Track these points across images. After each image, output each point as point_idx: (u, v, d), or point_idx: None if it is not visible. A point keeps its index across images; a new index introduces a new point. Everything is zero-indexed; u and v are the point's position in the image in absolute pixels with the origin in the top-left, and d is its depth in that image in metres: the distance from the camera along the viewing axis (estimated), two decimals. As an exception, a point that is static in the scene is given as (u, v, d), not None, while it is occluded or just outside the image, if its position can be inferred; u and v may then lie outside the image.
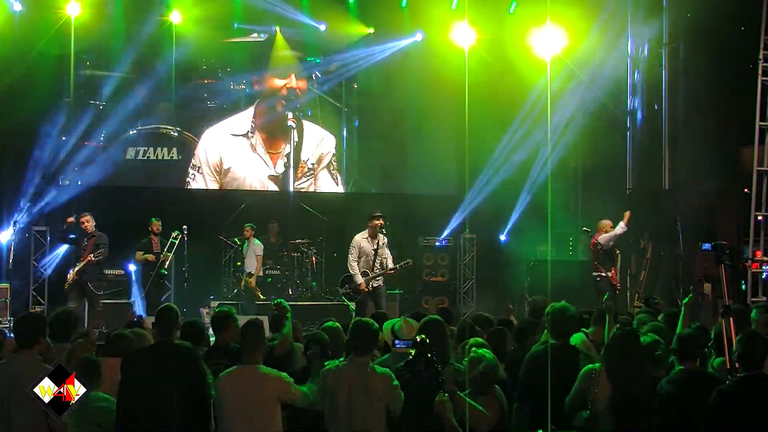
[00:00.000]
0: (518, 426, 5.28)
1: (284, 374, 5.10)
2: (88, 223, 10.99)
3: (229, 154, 14.18)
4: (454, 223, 14.07)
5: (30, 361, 4.88)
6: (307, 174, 14.57)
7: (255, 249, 12.47)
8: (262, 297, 12.22)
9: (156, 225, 11.67)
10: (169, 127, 13.98)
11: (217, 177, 14.17)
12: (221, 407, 4.96)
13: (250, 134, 14.24)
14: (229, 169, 14.14)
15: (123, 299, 12.15)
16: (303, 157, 14.51)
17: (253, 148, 14.25)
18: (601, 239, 11.63)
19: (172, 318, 5.28)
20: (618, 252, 11.94)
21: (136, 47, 13.45)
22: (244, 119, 14.31)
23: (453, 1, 14.10)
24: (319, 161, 14.62)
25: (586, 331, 6.46)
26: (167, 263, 11.64)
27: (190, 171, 14.07)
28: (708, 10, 11.99)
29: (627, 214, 11.82)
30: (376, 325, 5.39)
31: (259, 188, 14.30)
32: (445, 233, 13.94)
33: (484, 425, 4.90)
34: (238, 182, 14.24)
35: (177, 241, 11.64)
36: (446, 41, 14.24)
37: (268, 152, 14.26)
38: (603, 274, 11.52)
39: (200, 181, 14.11)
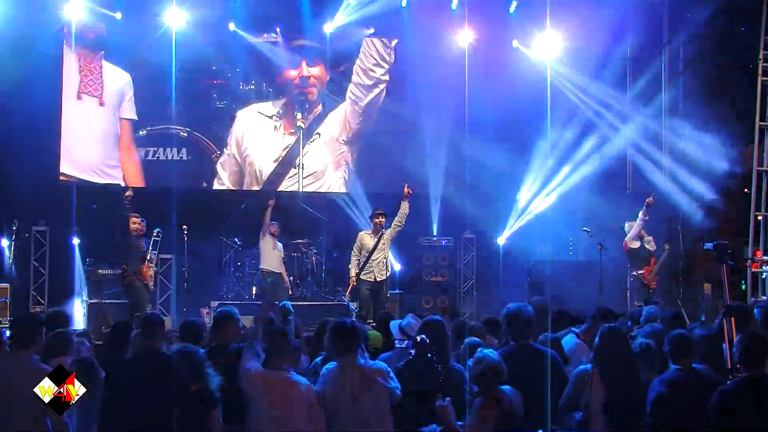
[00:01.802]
0: None
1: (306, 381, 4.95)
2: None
3: (252, 133, 14.19)
4: (450, 222, 14.04)
5: (27, 361, 4.86)
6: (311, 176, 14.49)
7: (282, 249, 12.35)
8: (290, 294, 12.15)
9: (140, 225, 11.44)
10: (178, 127, 13.93)
11: (238, 154, 14.11)
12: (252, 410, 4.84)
13: (275, 118, 14.25)
14: (246, 148, 14.14)
15: (123, 299, 12.10)
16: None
17: (276, 128, 14.27)
18: (627, 240, 11.42)
19: (157, 324, 5.19)
20: (649, 249, 11.33)
21: (142, 47, 13.46)
22: (275, 105, 14.34)
23: (453, 1, 14.08)
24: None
25: (576, 330, 6.44)
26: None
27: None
28: (708, 11, 12.00)
29: (649, 200, 11.08)
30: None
31: (267, 173, 14.22)
32: (435, 229, 13.87)
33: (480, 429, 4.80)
34: (251, 166, 14.13)
35: (159, 239, 11.46)
36: (446, 41, 14.24)
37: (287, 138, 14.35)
38: (635, 274, 11.40)
39: (224, 158, 14.12)
